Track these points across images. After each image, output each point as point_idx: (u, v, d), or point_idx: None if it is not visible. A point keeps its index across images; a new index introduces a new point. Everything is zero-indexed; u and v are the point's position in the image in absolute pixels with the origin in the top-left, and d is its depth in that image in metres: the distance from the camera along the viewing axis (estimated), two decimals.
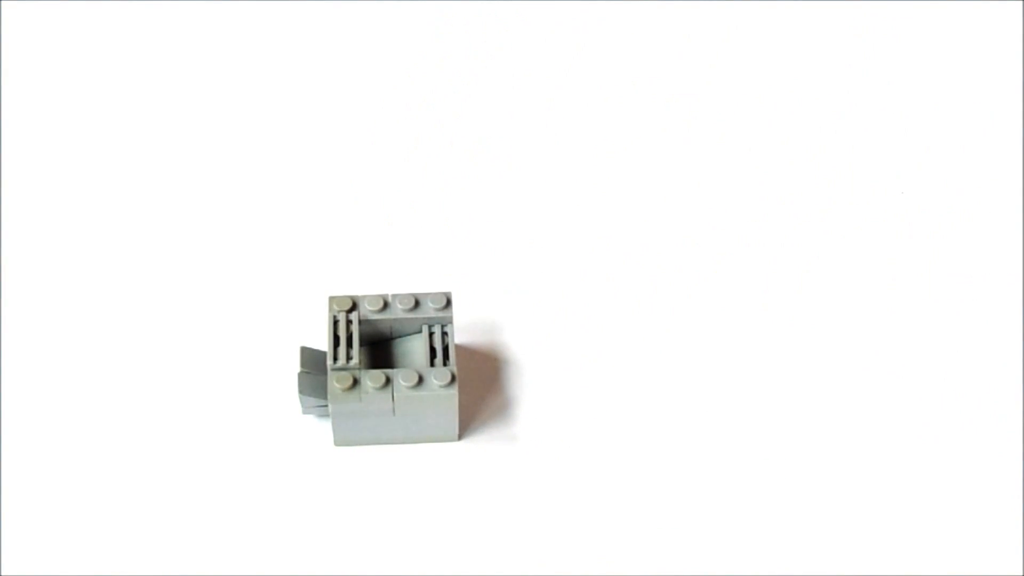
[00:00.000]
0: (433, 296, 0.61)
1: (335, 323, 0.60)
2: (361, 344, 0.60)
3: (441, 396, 0.59)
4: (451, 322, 0.61)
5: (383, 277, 0.67)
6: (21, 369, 0.63)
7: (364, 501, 0.59)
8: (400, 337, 0.62)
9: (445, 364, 0.60)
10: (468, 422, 0.61)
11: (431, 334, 0.61)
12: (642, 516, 0.58)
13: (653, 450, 0.61)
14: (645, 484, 0.59)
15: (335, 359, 0.59)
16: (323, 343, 0.61)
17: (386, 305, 0.61)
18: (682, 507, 0.59)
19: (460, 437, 0.61)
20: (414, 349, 0.61)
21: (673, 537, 0.58)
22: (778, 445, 0.61)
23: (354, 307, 0.61)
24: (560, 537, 0.58)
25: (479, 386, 0.63)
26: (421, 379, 0.59)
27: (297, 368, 0.60)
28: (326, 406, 0.59)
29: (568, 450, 0.61)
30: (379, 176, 0.72)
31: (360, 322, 0.60)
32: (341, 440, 0.60)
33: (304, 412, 0.61)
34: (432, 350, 0.60)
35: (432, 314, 0.61)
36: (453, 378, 0.59)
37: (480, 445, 0.61)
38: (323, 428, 0.61)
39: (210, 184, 0.71)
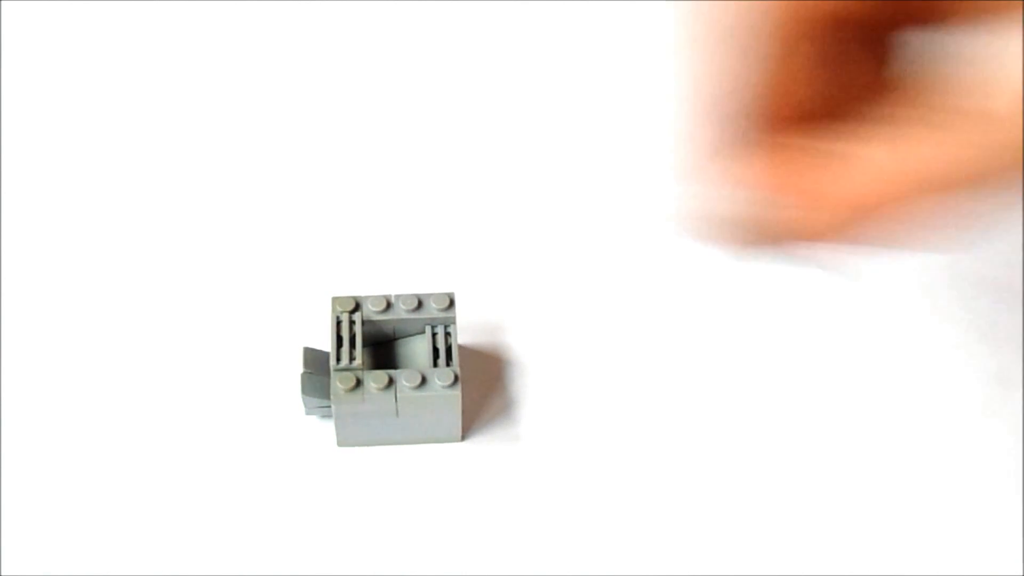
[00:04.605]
0: (436, 296, 0.61)
1: (338, 323, 0.60)
2: (364, 345, 0.60)
3: (444, 397, 0.59)
4: (454, 323, 0.61)
5: (386, 277, 0.67)
6: (20, 370, 0.63)
7: (367, 501, 0.59)
8: (403, 338, 0.62)
9: (448, 365, 0.59)
10: (471, 423, 0.61)
11: (434, 335, 0.61)
12: (645, 517, 0.58)
13: (656, 451, 0.61)
14: (648, 485, 0.59)
15: (338, 360, 0.59)
16: (326, 344, 0.61)
17: (389, 306, 0.61)
18: (684, 507, 0.59)
19: (463, 438, 0.61)
20: (417, 350, 0.61)
21: (675, 537, 0.58)
22: (781, 444, 0.61)
23: (357, 307, 0.61)
24: (563, 538, 0.58)
25: (482, 387, 0.63)
26: (424, 380, 0.59)
27: (300, 369, 0.60)
28: (329, 407, 0.59)
29: (571, 450, 0.61)
30: (381, 176, 0.72)
31: (363, 322, 0.60)
32: (344, 440, 0.60)
33: (307, 413, 0.61)
34: (435, 351, 0.60)
35: (435, 314, 0.61)
36: (456, 379, 0.58)
37: (483, 446, 0.61)
38: (326, 429, 0.61)
39: (211, 185, 0.71)
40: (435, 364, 0.60)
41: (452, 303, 0.61)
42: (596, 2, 0.80)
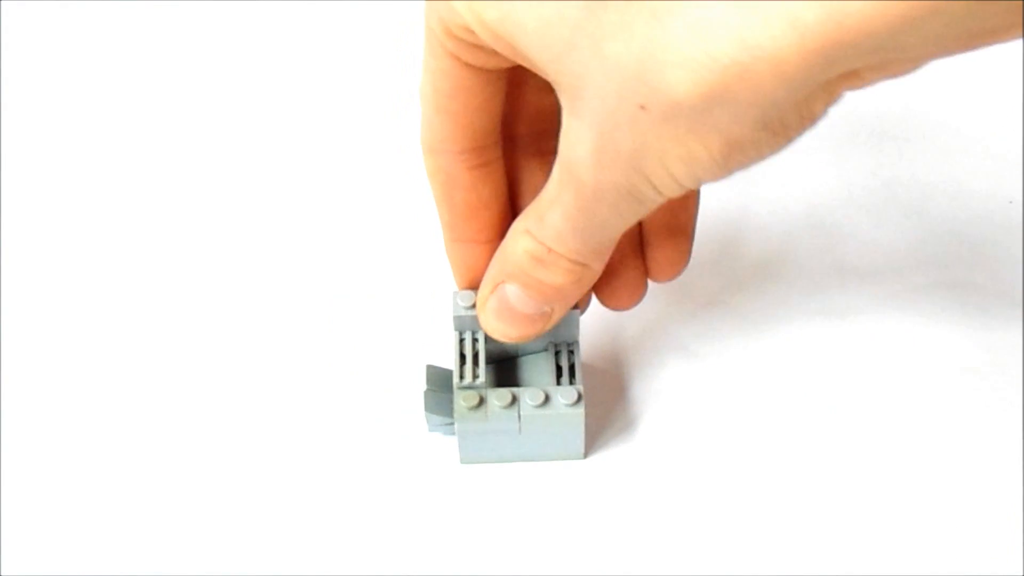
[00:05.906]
0: None
1: (461, 341, 0.60)
2: (487, 362, 0.60)
3: (567, 415, 0.58)
4: (577, 341, 0.61)
5: None
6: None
7: (491, 519, 0.59)
8: (526, 355, 0.62)
9: (571, 383, 0.59)
10: (594, 441, 0.61)
11: (557, 352, 0.61)
12: (772, 538, 0.58)
13: (784, 469, 0.60)
14: (775, 505, 0.59)
15: (461, 377, 0.59)
16: (449, 362, 0.61)
17: None
18: (812, 528, 0.58)
19: (586, 456, 0.61)
20: (540, 368, 0.61)
21: (802, 559, 0.57)
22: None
23: None
24: (686, 556, 0.57)
25: (605, 405, 0.62)
26: (547, 398, 0.59)
27: (423, 387, 0.61)
28: (452, 424, 0.60)
29: (694, 470, 0.60)
30: None
31: (486, 340, 0.60)
32: (467, 458, 0.60)
33: (430, 430, 0.61)
34: (558, 368, 0.60)
35: (558, 332, 0.61)
36: (579, 397, 0.58)
37: (606, 463, 0.60)
38: (449, 446, 0.61)
39: (324, 204, 0.72)
40: (558, 382, 0.60)
41: (576, 321, 0.61)
42: None
